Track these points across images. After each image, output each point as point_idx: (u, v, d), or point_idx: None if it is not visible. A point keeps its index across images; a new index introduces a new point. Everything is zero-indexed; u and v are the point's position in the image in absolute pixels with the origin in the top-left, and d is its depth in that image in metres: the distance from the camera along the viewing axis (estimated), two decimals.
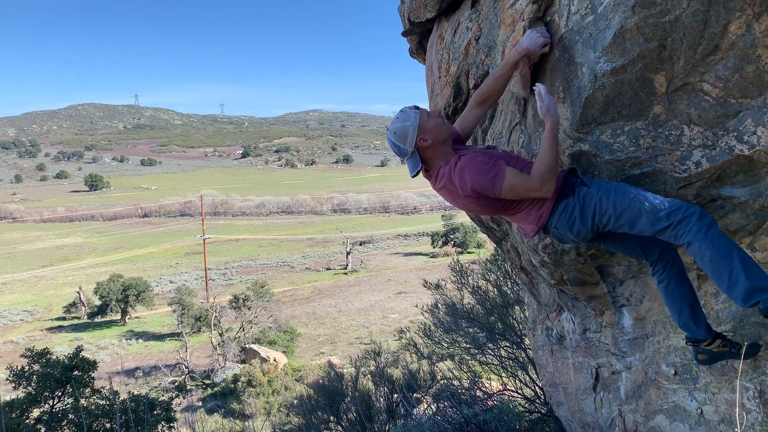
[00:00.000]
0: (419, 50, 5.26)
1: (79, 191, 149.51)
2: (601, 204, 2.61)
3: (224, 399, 25.97)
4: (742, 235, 2.68)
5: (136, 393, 8.80)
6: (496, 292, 9.28)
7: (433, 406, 8.76)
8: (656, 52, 2.48)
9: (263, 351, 28.90)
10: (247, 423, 20.42)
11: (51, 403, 7.78)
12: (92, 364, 8.34)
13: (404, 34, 4.97)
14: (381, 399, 10.63)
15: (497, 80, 3.02)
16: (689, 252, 2.43)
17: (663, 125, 2.62)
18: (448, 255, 47.35)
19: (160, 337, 36.99)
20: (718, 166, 2.53)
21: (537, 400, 7.79)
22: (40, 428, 7.45)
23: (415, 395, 10.42)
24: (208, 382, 28.98)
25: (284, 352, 30.12)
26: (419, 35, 4.95)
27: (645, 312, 3.51)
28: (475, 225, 5.79)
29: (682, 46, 2.42)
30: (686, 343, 2.76)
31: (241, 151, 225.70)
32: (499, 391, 8.34)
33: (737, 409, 2.68)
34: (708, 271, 2.38)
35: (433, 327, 10.61)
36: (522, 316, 8.71)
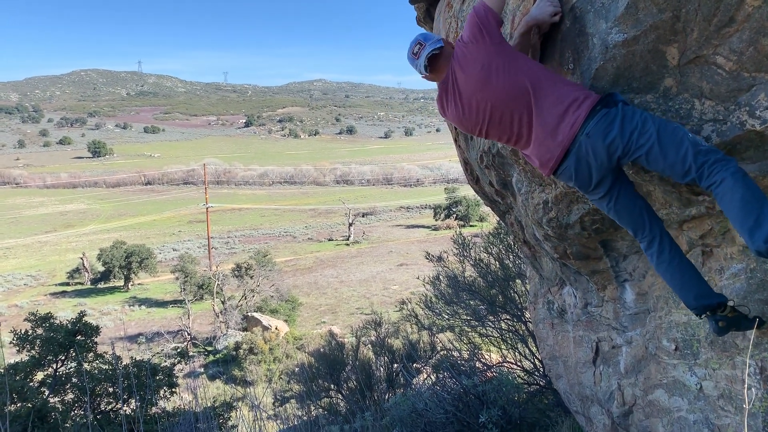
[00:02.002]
0: (427, 18, 5.18)
1: (82, 157, 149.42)
2: (645, 122, 2.45)
3: (226, 366, 26.30)
4: None
5: (138, 358, 8.89)
6: (497, 265, 9.29)
7: (432, 377, 8.85)
8: (669, 24, 2.43)
9: (265, 319, 29.16)
10: (248, 389, 20.71)
11: (54, 366, 7.87)
12: (95, 329, 8.42)
13: (412, 1, 4.89)
14: (381, 368, 10.75)
15: None
16: (717, 190, 2.32)
17: (673, 99, 2.58)
18: (450, 228, 47.52)
19: (162, 304, 37.31)
20: (729, 141, 2.49)
21: (536, 373, 7.85)
22: (44, 391, 7.55)
23: (414, 365, 10.52)
24: (210, 349, 29.31)
25: (286, 320, 30.40)
26: (427, 3, 4.87)
27: (647, 287, 3.50)
28: (478, 198, 5.77)
29: (697, 18, 2.37)
30: (702, 316, 2.63)
31: (244, 120, 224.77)
32: (498, 363, 8.40)
33: (744, 387, 2.68)
34: (734, 209, 2.27)
35: (434, 299, 10.66)
36: (523, 289, 8.73)
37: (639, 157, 2.50)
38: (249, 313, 30.53)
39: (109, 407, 7.77)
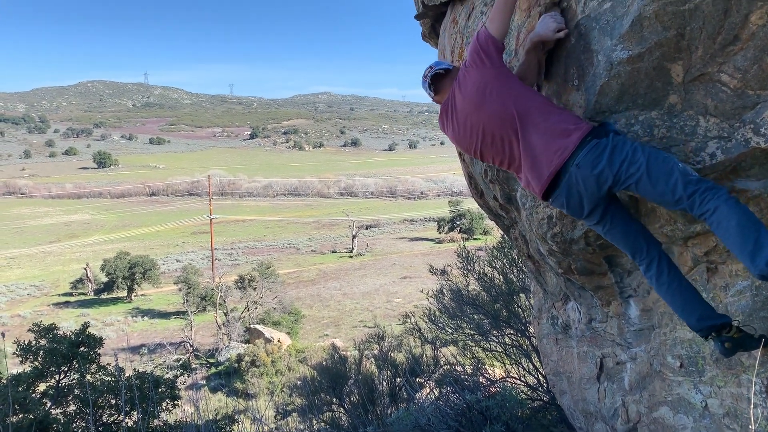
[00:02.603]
0: (432, 34, 5.21)
1: (88, 168, 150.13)
2: (635, 153, 2.48)
3: (228, 378, 26.21)
4: None
5: (141, 370, 8.87)
6: (501, 280, 9.26)
7: (435, 391, 8.80)
8: (674, 41, 2.44)
9: (267, 331, 29.09)
10: (250, 402, 20.63)
11: (57, 378, 7.85)
12: (98, 341, 8.40)
13: (417, 17, 4.92)
14: (384, 382, 10.69)
15: (520, 68, 3.05)
16: (712, 218, 2.35)
17: (678, 115, 2.58)
18: (454, 241, 47.48)
19: (165, 315, 37.28)
20: (734, 159, 2.49)
21: (540, 388, 7.80)
22: (46, 402, 7.53)
23: (418, 380, 10.47)
24: (212, 361, 29.23)
25: (288, 333, 30.31)
26: (432, 19, 4.90)
27: (652, 303, 3.49)
28: (482, 211, 5.77)
29: (701, 36, 2.38)
30: (705, 338, 2.63)
31: (249, 132, 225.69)
32: (502, 378, 8.35)
33: (751, 406, 2.67)
34: (731, 235, 2.29)
35: (437, 312, 10.62)
36: (527, 303, 8.70)
37: (629, 186, 2.53)
38: (251, 325, 30.46)
39: (111, 419, 7.73)
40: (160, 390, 7.99)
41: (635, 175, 2.47)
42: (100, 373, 8.13)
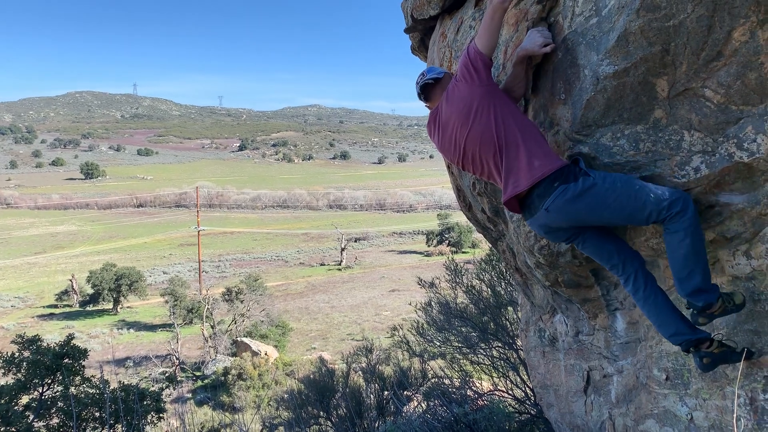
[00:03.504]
0: (421, 47, 5.25)
1: (75, 179, 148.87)
2: (606, 196, 2.61)
3: (214, 391, 25.95)
4: (738, 243, 2.68)
5: (126, 383, 8.77)
6: (489, 292, 9.29)
7: (423, 404, 8.77)
8: (659, 57, 2.48)
9: (254, 344, 28.86)
10: (236, 416, 20.40)
11: (40, 390, 7.75)
12: (83, 353, 8.30)
13: (407, 30, 4.96)
14: (371, 395, 10.64)
15: (507, 82, 3.12)
16: (669, 237, 2.59)
17: (663, 130, 2.62)
18: (442, 254, 47.41)
19: (151, 328, 36.91)
20: (718, 173, 2.53)
21: (527, 401, 7.80)
22: (29, 415, 7.42)
23: (405, 393, 10.43)
24: (198, 374, 28.95)
25: (276, 346, 30.10)
26: (422, 32, 4.94)
27: (638, 316, 3.51)
28: (470, 225, 5.79)
29: (686, 51, 2.42)
30: (687, 352, 2.72)
31: (238, 144, 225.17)
32: (489, 391, 8.35)
33: (734, 418, 2.68)
34: (678, 256, 2.57)
35: (425, 325, 10.62)
36: (515, 316, 8.72)
37: (599, 223, 2.74)
38: (238, 338, 30.22)
39: None
40: (145, 403, 7.91)
41: (608, 216, 2.66)
42: (84, 385, 8.03)
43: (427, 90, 3.13)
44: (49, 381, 7.82)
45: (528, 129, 2.82)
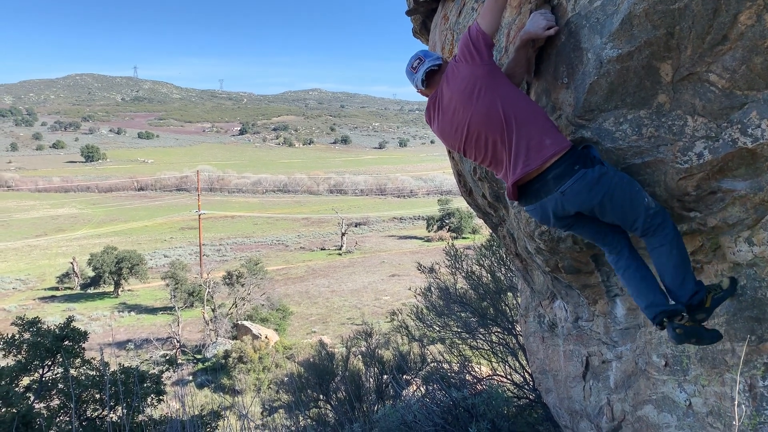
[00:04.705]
0: (423, 30, 5.20)
1: (75, 162, 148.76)
2: (615, 189, 2.61)
3: (215, 374, 26.11)
4: (740, 229, 2.66)
5: (126, 365, 8.81)
6: (489, 278, 9.29)
7: (422, 388, 8.80)
8: (664, 40, 2.44)
9: (255, 328, 29.00)
10: (236, 398, 20.56)
11: (41, 372, 7.79)
12: (83, 335, 8.33)
13: (408, 12, 4.91)
14: (371, 379, 10.69)
15: (508, 65, 3.03)
16: (657, 252, 2.68)
17: (666, 115, 2.59)
18: (442, 239, 47.50)
19: (152, 311, 37.07)
20: (721, 159, 2.50)
21: (526, 386, 7.83)
22: (30, 396, 7.46)
23: (404, 377, 10.47)
24: (199, 357, 29.11)
25: (276, 329, 30.24)
26: (423, 15, 4.89)
27: None
28: (471, 210, 5.78)
29: (691, 35, 2.39)
30: (661, 326, 2.72)
31: (239, 128, 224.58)
32: (488, 376, 8.37)
33: (735, 404, 2.69)
34: (669, 268, 2.66)
35: (425, 310, 10.64)
36: (514, 302, 8.73)
37: (598, 214, 2.73)
38: (239, 322, 30.35)
39: (96, 414, 7.68)
40: (145, 385, 7.95)
41: (607, 208, 2.65)
42: (84, 367, 8.08)
43: (430, 76, 2.97)
44: (50, 363, 7.86)
45: (535, 108, 2.77)
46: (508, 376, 8.29)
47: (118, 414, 7.45)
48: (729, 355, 2.77)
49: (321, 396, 11.43)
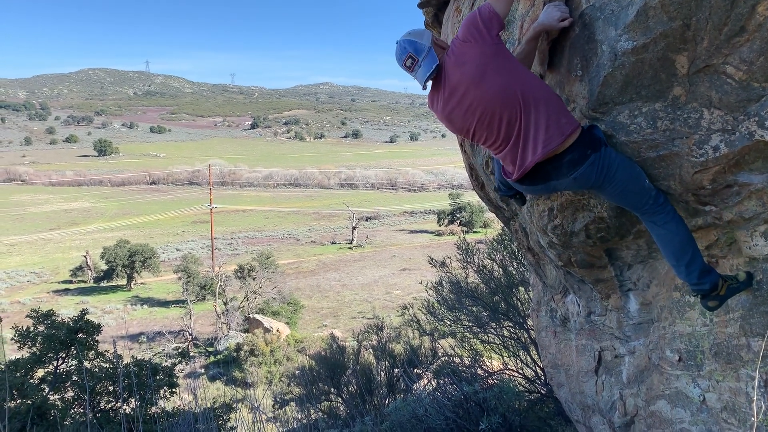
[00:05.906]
0: (435, 23, 5.17)
1: (88, 156, 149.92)
2: (616, 171, 2.66)
3: (226, 367, 26.27)
4: (756, 223, 2.63)
5: (139, 358, 8.88)
6: (501, 272, 9.26)
7: (433, 382, 8.81)
8: (680, 32, 2.41)
9: (266, 321, 29.13)
10: (248, 391, 20.69)
11: (55, 364, 7.86)
12: (97, 328, 8.40)
13: (420, 5, 4.89)
14: (382, 373, 10.72)
15: (518, 57, 2.95)
16: (662, 230, 2.75)
17: (682, 108, 2.56)
18: (453, 233, 47.43)
19: (164, 304, 37.33)
20: (737, 152, 2.47)
21: (537, 381, 7.81)
22: (44, 388, 7.54)
23: (415, 371, 10.49)
24: (211, 349, 29.29)
25: (287, 323, 30.36)
26: (436, 7, 4.87)
27: (651, 297, 3.48)
28: (482, 204, 5.76)
29: (707, 26, 2.35)
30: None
31: (250, 122, 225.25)
32: (499, 370, 8.37)
33: (753, 400, 2.66)
34: (676, 244, 2.72)
35: (436, 304, 10.63)
36: (526, 296, 8.70)
37: (601, 194, 2.87)
38: (250, 315, 30.50)
39: (109, 406, 7.76)
40: (158, 377, 8.01)
41: (613, 192, 2.76)
42: (98, 359, 8.15)
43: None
44: (64, 355, 7.93)
45: (548, 87, 2.74)
46: (520, 371, 8.28)
47: (131, 406, 7.52)
48: (744, 350, 2.75)
49: (332, 389, 11.47)
